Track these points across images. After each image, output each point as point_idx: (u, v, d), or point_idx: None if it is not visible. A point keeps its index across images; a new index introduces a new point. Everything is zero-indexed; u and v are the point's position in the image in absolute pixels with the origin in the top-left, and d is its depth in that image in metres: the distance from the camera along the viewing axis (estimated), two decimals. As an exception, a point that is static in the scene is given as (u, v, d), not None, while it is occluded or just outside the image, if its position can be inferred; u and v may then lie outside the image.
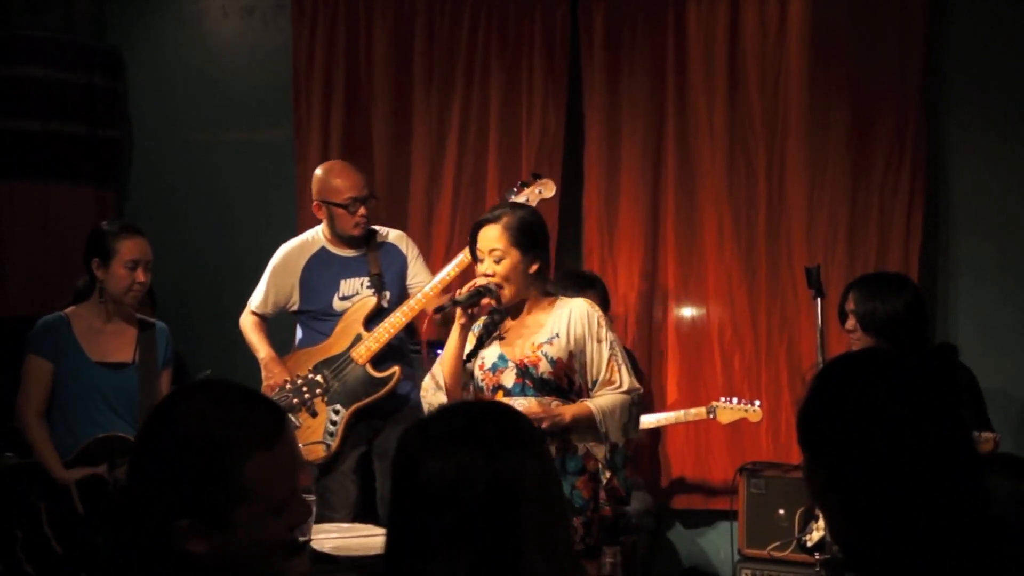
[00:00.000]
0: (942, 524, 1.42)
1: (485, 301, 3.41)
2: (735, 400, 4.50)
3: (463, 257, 3.92)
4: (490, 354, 3.42)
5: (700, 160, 4.88)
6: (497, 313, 3.47)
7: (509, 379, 3.35)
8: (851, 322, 3.88)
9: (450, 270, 3.99)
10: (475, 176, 5.15)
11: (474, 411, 1.61)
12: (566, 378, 3.32)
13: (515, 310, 3.42)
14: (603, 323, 3.34)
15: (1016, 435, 4.46)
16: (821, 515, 3.86)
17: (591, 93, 5.02)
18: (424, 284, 4.08)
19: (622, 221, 4.96)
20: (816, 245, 4.73)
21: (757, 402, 4.48)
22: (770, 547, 4.32)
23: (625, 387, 3.32)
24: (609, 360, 3.31)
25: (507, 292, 3.36)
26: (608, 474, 3.30)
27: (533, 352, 3.34)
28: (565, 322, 3.33)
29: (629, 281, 4.94)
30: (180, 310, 5.11)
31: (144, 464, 1.62)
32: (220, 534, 1.57)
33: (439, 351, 4.83)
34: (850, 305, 3.89)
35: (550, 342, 3.33)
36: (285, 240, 5.35)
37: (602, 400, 3.30)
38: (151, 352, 3.83)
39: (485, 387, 3.41)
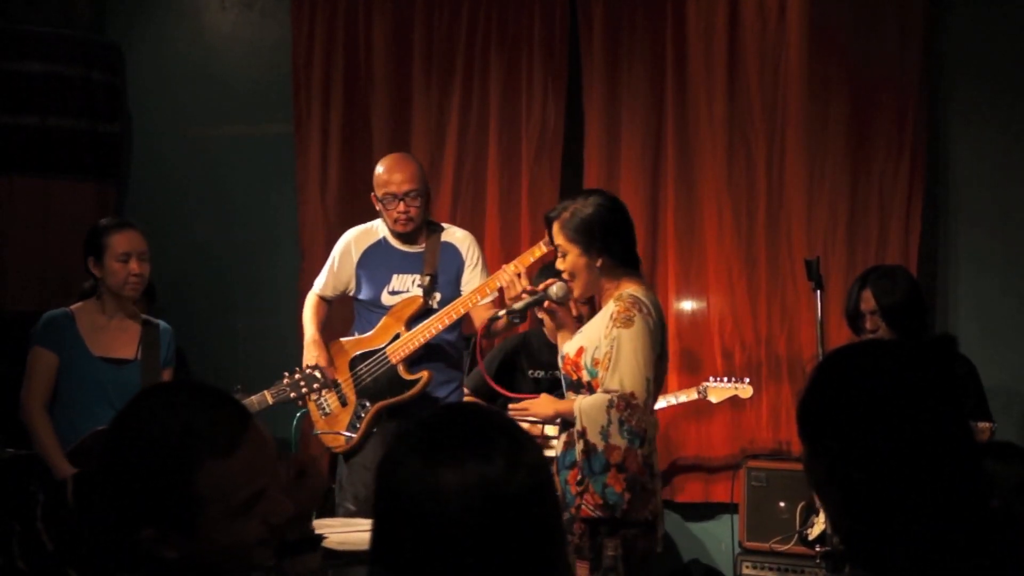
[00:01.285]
0: (942, 514, 1.42)
1: (548, 304, 3.37)
2: (725, 379, 4.49)
3: (507, 268, 3.80)
4: None
5: (700, 152, 4.88)
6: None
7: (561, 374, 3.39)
8: (872, 321, 3.86)
9: (491, 281, 3.88)
10: (475, 170, 5.14)
11: (471, 420, 1.48)
12: (575, 374, 3.26)
13: (591, 304, 3.41)
14: (617, 318, 3.15)
15: (1017, 426, 4.46)
16: (822, 507, 3.86)
17: (590, 86, 5.01)
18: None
19: (622, 213, 4.96)
20: (816, 236, 4.73)
21: (747, 379, 4.47)
22: (772, 541, 4.32)
23: (604, 386, 3.14)
24: (604, 358, 3.16)
25: (577, 288, 3.32)
26: (580, 476, 3.13)
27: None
28: (596, 317, 3.28)
29: (629, 274, 4.93)
30: (181, 304, 5.11)
31: (107, 471, 1.61)
32: (187, 540, 1.57)
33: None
34: (868, 305, 3.87)
35: (573, 338, 3.33)
36: (286, 234, 5.39)
37: (587, 398, 3.19)
38: (154, 350, 3.84)
39: None
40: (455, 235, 4.16)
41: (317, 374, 3.95)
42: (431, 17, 5.18)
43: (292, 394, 3.95)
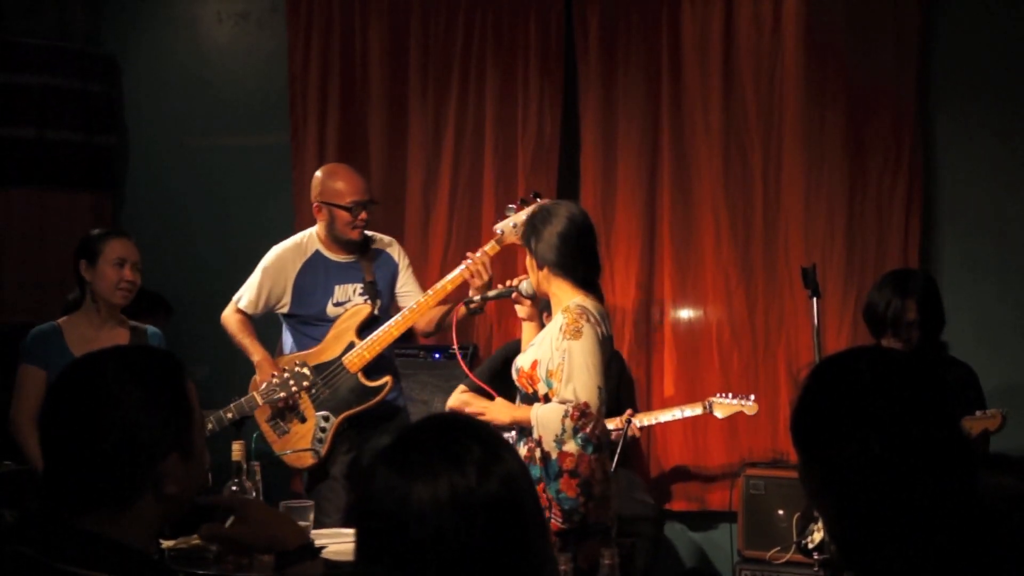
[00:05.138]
0: (937, 521, 1.42)
1: (515, 297, 3.42)
2: (731, 396, 4.49)
3: (461, 269, 3.87)
4: None
5: (696, 160, 4.88)
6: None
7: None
8: (912, 334, 3.81)
9: (446, 282, 3.92)
10: (471, 179, 5.14)
11: (445, 431, 1.48)
12: (531, 387, 3.24)
13: (548, 312, 3.41)
14: (566, 329, 3.14)
15: (1015, 430, 4.45)
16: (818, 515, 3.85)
17: (586, 94, 5.02)
18: (412, 295, 4.09)
19: (619, 222, 4.96)
20: (813, 244, 4.73)
21: (752, 396, 4.47)
22: (771, 552, 4.31)
23: (559, 396, 3.13)
24: (556, 369, 3.15)
25: (536, 288, 3.36)
26: (542, 484, 3.12)
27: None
28: (546, 330, 3.28)
29: (626, 282, 4.94)
30: (178, 315, 5.10)
31: (126, 400, 1.64)
32: (186, 471, 1.64)
33: (437, 355, 4.84)
34: (913, 315, 3.81)
35: (526, 350, 3.33)
36: (283, 244, 5.37)
37: (543, 407, 3.18)
38: None
39: None
40: (383, 241, 4.21)
41: (306, 371, 3.90)
42: (427, 27, 5.19)
43: (282, 393, 3.88)
